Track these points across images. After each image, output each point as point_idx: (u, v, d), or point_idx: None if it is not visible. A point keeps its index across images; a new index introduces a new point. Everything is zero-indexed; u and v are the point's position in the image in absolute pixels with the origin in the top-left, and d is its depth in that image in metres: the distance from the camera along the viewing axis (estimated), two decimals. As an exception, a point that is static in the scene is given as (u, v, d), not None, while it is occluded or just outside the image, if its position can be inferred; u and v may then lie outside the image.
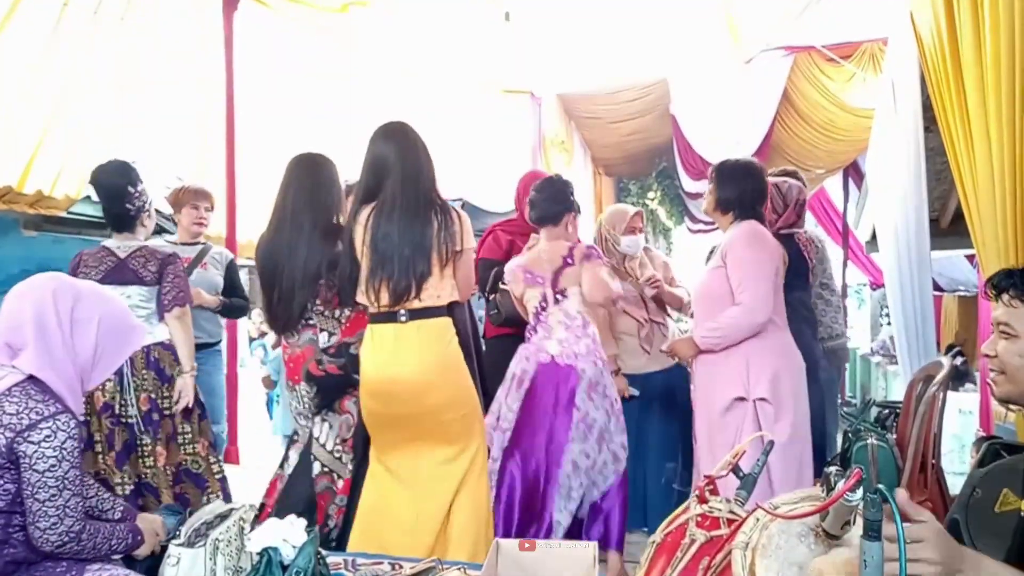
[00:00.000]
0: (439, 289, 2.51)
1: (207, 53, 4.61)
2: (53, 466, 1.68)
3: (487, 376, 3.81)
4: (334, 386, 2.74)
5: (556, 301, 3.04)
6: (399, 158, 2.51)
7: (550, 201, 3.12)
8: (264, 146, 4.94)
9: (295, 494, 2.74)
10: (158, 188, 4.83)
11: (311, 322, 2.78)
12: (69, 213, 4.09)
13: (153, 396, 2.86)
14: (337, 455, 2.75)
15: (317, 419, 2.77)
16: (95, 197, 4.10)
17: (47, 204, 3.84)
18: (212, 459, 3.03)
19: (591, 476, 2.95)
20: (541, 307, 3.07)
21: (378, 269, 2.48)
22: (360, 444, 2.75)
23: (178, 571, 1.82)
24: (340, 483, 2.73)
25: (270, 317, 2.79)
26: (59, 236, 4.67)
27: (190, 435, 2.95)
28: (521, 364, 3.04)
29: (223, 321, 4.02)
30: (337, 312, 2.77)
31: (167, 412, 2.90)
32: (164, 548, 1.96)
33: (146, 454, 2.84)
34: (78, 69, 3.71)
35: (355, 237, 2.55)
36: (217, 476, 3.02)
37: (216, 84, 4.61)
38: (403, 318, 2.50)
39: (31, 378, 1.76)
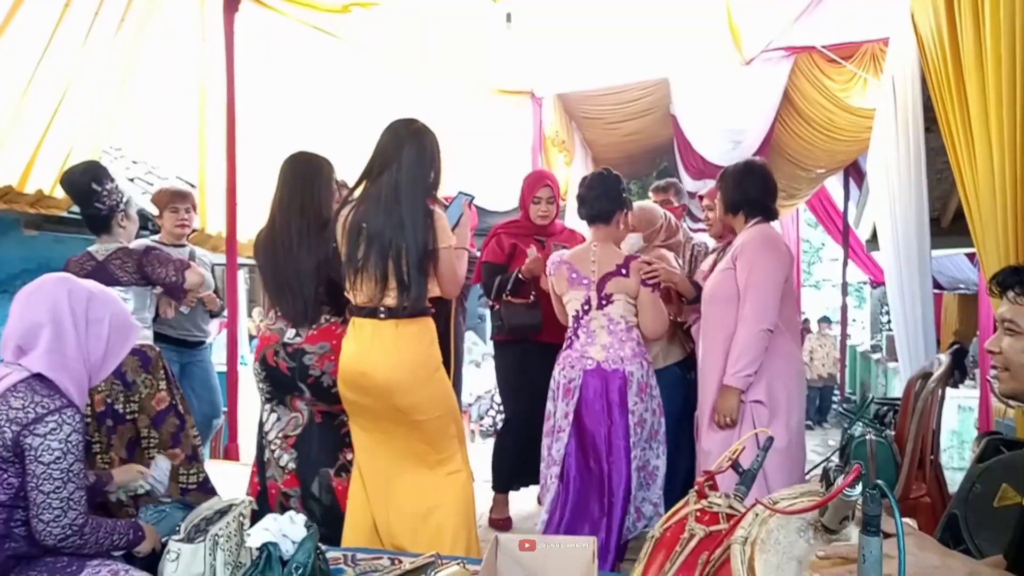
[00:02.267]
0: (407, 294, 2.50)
1: (208, 53, 4.62)
2: (58, 458, 1.69)
3: (497, 377, 3.84)
4: (280, 383, 2.75)
5: (600, 306, 2.94)
6: (404, 156, 2.49)
7: (603, 198, 2.99)
8: (264, 146, 4.94)
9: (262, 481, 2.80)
10: (158, 189, 4.83)
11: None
12: (69, 213, 4.09)
13: (109, 399, 2.78)
14: (273, 448, 2.78)
15: (268, 406, 2.81)
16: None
17: (47, 204, 3.85)
18: (182, 470, 2.93)
19: (652, 476, 2.94)
20: (584, 310, 2.96)
21: (362, 263, 2.48)
22: (308, 447, 2.77)
23: (178, 566, 1.82)
24: (279, 474, 2.76)
25: (284, 314, 2.77)
26: (59, 236, 4.67)
27: (156, 441, 2.88)
28: (566, 373, 2.95)
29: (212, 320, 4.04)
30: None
31: (128, 417, 2.82)
32: (165, 545, 1.96)
33: (101, 456, 2.81)
34: (78, 69, 3.71)
35: (337, 224, 2.55)
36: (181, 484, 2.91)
37: (216, 84, 4.62)
38: (382, 315, 2.49)
39: (37, 375, 1.77)
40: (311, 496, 2.74)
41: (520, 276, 3.42)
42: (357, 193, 2.58)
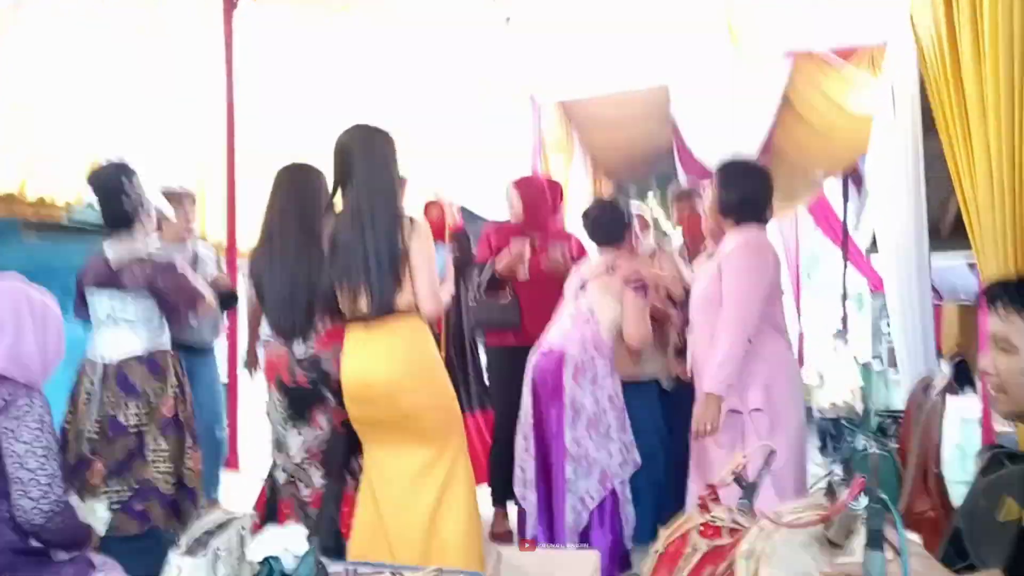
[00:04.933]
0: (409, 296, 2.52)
1: (207, 53, 4.61)
2: (37, 436, 1.75)
3: (489, 385, 3.83)
4: (303, 398, 2.75)
5: (575, 296, 3.11)
6: (361, 165, 2.53)
7: (611, 223, 3.21)
8: (264, 146, 4.93)
9: (272, 501, 2.79)
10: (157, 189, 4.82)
11: None
12: (70, 219, 4.09)
13: (113, 414, 2.77)
14: (304, 467, 2.76)
15: (289, 425, 2.79)
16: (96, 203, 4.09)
17: (48, 210, 3.84)
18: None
19: (592, 468, 2.92)
20: (564, 301, 3.17)
21: (353, 280, 2.50)
22: (332, 461, 2.76)
23: (179, 580, 1.81)
24: (306, 491, 2.74)
25: (276, 328, 2.76)
26: (59, 242, 4.66)
27: (166, 452, 2.84)
28: (531, 361, 3.08)
29: (218, 326, 4.00)
30: (318, 323, 2.78)
31: (130, 428, 2.79)
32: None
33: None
34: (79, 72, 3.71)
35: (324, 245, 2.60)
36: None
37: (216, 84, 4.61)
38: (372, 320, 2.51)
39: None
40: (329, 509, 2.74)
41: (494, 271, 3.43)
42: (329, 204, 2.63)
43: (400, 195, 2.60)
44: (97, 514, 2.17)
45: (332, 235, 2.54)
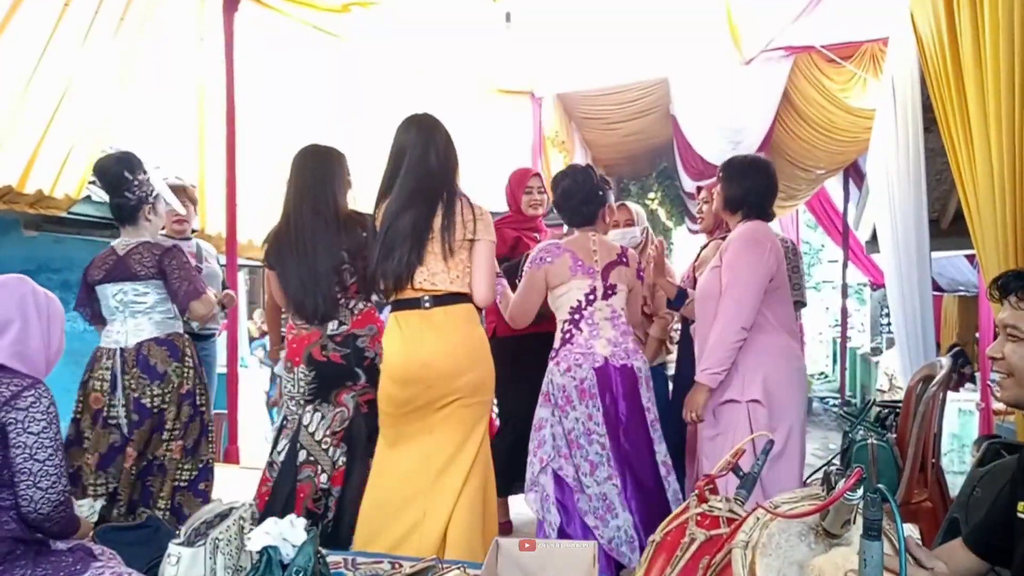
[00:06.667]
0: (445, 277, 2.50)
1: (207, 53, 4.62)
2: (45, 428, 1.77)
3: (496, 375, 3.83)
4: (333, 375, 2.73)
5: (605, 296, 2.87)
6: (411, 148, 2.53)
7: (585, 203, 2.96)
8: (264, 146, 4.94)
9: (284, 484, 2.74)
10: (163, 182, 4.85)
11: None
12: (69, 213, 4.09)
13: (137, 395, 2.79)
14: (325, 447, 2.74)
15: (309, 407, 2.75)
16: (96, 197, 4.10)
17: (47, 204, 3.84)
18: (186, 463, 2.93)
19: (665, 472, 2.86)
20: (588, 300, 2.85)
21: (384, 258, 2.50)
22: (356, 439, 2.74)
23: (178, 570, 1.81)
24: (323, 476, 2.72)
25: (296, 310, 2.74)
26: (59, 236, 4.67)
27: (179, 431, 2.88)
28: (575, 373, 2.81)
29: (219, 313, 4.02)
30: (352, 302, 2.77)
31: (153, 410, 2.81)
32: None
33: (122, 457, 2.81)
34: (78, 69, 3.71)
35: (378, 228, 2.57)
36: (175, 482, 2.90)
37: (216, 84, 4.62)
38: (427, 304, 2.50)
39: None
40: (351, 487, 2.72)
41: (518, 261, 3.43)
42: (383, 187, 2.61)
43: (449, 180, 2.57)
44: (84, 507, 2.20)
45: (385, 218, 2.52)
